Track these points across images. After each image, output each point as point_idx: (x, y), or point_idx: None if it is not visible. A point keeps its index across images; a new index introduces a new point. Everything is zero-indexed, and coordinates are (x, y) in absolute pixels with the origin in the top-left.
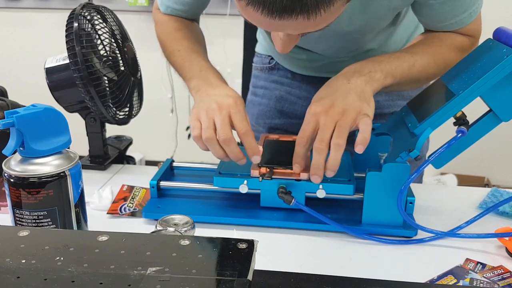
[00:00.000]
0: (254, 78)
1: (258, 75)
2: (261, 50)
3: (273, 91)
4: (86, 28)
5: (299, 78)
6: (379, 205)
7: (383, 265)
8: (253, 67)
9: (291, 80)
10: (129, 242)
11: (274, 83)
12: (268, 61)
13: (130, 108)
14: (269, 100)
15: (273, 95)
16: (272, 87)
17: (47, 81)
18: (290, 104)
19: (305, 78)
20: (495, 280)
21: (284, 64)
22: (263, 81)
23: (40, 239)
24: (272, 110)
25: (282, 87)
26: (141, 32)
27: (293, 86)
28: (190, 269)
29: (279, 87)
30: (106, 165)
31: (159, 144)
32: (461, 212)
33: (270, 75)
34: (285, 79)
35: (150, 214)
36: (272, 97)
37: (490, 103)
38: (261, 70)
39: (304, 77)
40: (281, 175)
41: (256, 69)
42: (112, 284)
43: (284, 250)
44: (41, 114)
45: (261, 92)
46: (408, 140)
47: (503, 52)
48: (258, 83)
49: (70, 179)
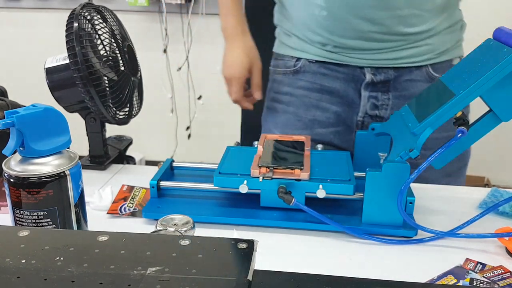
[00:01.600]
0: (275, 83)
1: (281, 80)
2: (284, 50)
3: (301, 98)
4: (86, 28)
5: (330, 81)
6: (379, 205)
7: (383, 265)
8: (271, 71)
9: (320, 86)
10: (129, 242)
11: (302, 89)
12: (293, 63)
13: (130, 108)
14: (297, 108)
15: (301, 102)
16: (299, 94)
17: (47, 81)
18: (323, 111)
19: (338, 79)
20: (495, 280)
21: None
22: (287, 87)
23: (40, 239)
24: (302, 120)
25: (312, 94)
26: (141, 32)
27: (324, 91)
28: (190, 269)
29: (307, 94)
30: (106, 165)
31: (159, 144)
32: (461, 212)
33: (295, 80)
34: (314, 85)
35: (150, 214)
36: (301, 105)
37: (490, 103)
38: (284, 75)
39: (337, 78)
40: (281, 175)
41: (277, 73)
42: (112, 284)
43: (284, 250)
44: (41, 114)
45: (286, 99)
46: (408, 140)
47: (503, 52)
48: (282, 89)
49: (70, 179)
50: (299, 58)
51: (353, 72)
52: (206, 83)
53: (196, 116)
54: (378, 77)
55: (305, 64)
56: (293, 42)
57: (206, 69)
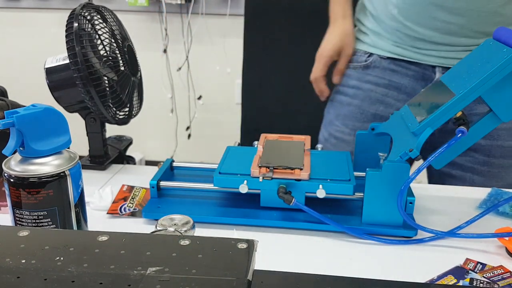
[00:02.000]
0: (343, 77)
1: (349, 74)
2: (359, 46)
3: (367, 92)
4: (86, 28)
5: (399, 78)
6: (379, 205)
7: (383, 265)
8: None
9: (388, 81)
10: (129, 242)
11: (369, 84)
12: (365, 58)
13: (130, 108)
14: (361, 101)
15: (366, 96)
16: (366, 88)
17: (47, 81)
18: (386, 106)
19: (407, 76)
20: (495, 280)
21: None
22: (355, 80)
23: (40, 239)
24: (365, 113)
25: (378, 88)
26: (141, 32)
27: (391, 87)
28: (190, 269)
29: (374, 88)
30: (106, 165)
31: (159, 144)
32: (461, 212)
33: (364, 74)
34: (382, 80)
35: (150, 214)
36: (366, 98)
37: (490, 103)
38: (353, 69)
39: (406, 75)
40: (281, 175)
41: (348, 68)
42: (112, 284)
43: (284, 250)
44: (41, 114)
45: (352, 92)
46: (408, 140)
47: (503, 52)
48: (350, 82)
49: (70, 179)
50: (371, 54)
51: (423, 70)
52: (206, 83)
53: (196, 116)
54: None
55: (376, 59)
56: (368, 39)
57: (206, 69)
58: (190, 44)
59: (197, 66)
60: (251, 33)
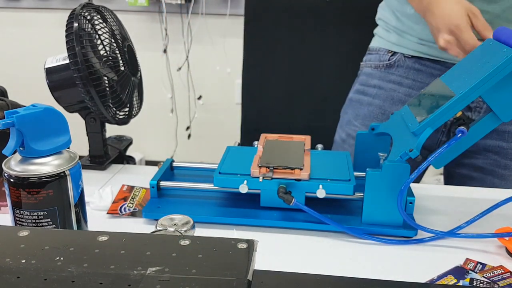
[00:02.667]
0: (364, 76)
1: (371, 73)
2: (382, 44)
3: (390, 92)
4: (86, 28)
5: (424, 77)
6: (379, 205)
7: (383, 265)
8: (362, 65)
9: (412, 81)
10: (129, 242)
11: (392, 83)
12: (388, 57)
13: (130, 108)
14: (383, 101)
15: (388, 96)
16: (388, 88)
17: (47, 81)
18: None
19: (432, 76)
20: (495, 280)
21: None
22: (377, 79)
23: (40, 239)
24: (386, 113)
25: (401, 88)
26: (141, 32)
27: (415, 87)
28: (190, 269)
29: (397, 88)
30: (106, 165)
31: (159, 144)
32: (461, 212)
33: (387, 74)
34: (405, 80)
35: (150, 214)
36: (388, 98)
37: (490, 103)
38: (375, 68)
39: (432, 74)
40: (281, 175)
41: (369, 67)
42: (112, 284)
43: (284, 250)
44: (41, 114)
45: (373, 91)
46: (408, 140)
47: (503, 52)
48: (371, 81)
49: (70, 179)
50: (395, 53)
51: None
52: (206, 83)
53: (196, 116)
54: None
55: (400, 58)
56: (392, 37)
57: (206, 69)
58: (190, 44)
59: (197, 66)
60: (251, 33)
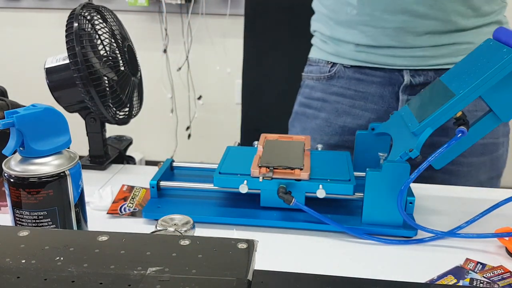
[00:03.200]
0: (307, 89)
1: (313, 86)
2: (320, 55)
3: (334, 104)
4: (86, 28)
5: (366, 86)
6: (379, 205)
7: (383, 265)
8: (304, 77)
9: (354, 92)
10: (129, 242)
11: (335, 95)
12: (328, 69)
13: (130, 108)
14: (328, 114)
15: (333, 108)
16: (332, 100)
17: (47, 81)
18: (354, 118)
19: (373, 83)
20: (495, 280)
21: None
22: (320, 92)
23: (40, 239)
24: (332, 126)
25: (345, 100)
26: (141, 32)
27: (357, 97)
28: (190, 269)
29: (340, 100)
30: (106, 165)
31: (159, 144)
32: (461, 212)
33: (329, 86)
34: (347, 91)
35: (150, 214)
36: (333, 111)
37: (490, 103)
38: (317, 80)
39: (372, 82)
40: (281, 175)
41: (311, 79)
42: (112, 284)
43: (284, 250)
44: (41, 114)
45: (317, 104)
46: (408, 140)
47: (503, 52)
48: (314, 94)
49: (70, 179)
50: (334, 64)
51: (390, 75)
52: (206, 83)
53: (196, 116)
54: (418, 79)
55: (340, 69)
56: (329, 47)
57: (206, 69)
58: (190, 44)
59: (197, 66)
60: (251, 33)
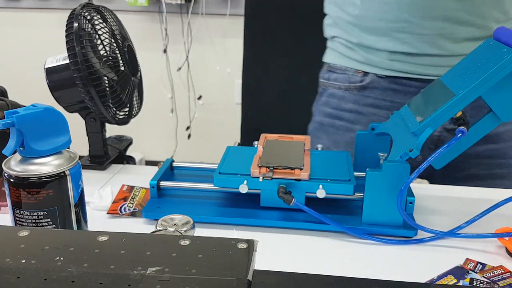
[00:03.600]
0: (334, 99)
1: (342, 96)
2: (347, 63)
3: (369, 116)
4: (86, 28)
5: (402, 97)
6: (379, 205)
7: (383, 265)
8: (326, 84)
9: (390, 103)
10: (129, 242)
11: (370, 107)
12: (359, 78)
13: (130, 108)
14: (364, 127)
15: (369, 120)
16: (367, 112)
17: (47, 81)
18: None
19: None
20: (495, 280)
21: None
22: (351, 103)
23: (40, 239)
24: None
25: (381, 111)
26: (141, 32)
27: (394, 108)
28: (190, 269)
29: (376, 111)
30: (106, 165)
31: (159, 144)
32: (461, 212)
33: (362, 97)
34: (383, 102)
35: (150, 214)
36: (369, 123)
37: (490, 103)
38: (346, 90)
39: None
40: (281, 175)
41: (338, 88)
42: (112, 284)
43: (284, 250)
44: (41, 114)
45: (350, 116)
46: (408, 140)
47: (503, 52)
48: (345, 105)
49: (70, 179)
50: (366, 73)
51: (426, 85)
52: (206, 83)
53: (196, 116)
54: None
55: (373, 79)
56: (358, 55)
57: (206, 69)
58: (190, 44)
59: (197, 66)
60: (251, 33)
